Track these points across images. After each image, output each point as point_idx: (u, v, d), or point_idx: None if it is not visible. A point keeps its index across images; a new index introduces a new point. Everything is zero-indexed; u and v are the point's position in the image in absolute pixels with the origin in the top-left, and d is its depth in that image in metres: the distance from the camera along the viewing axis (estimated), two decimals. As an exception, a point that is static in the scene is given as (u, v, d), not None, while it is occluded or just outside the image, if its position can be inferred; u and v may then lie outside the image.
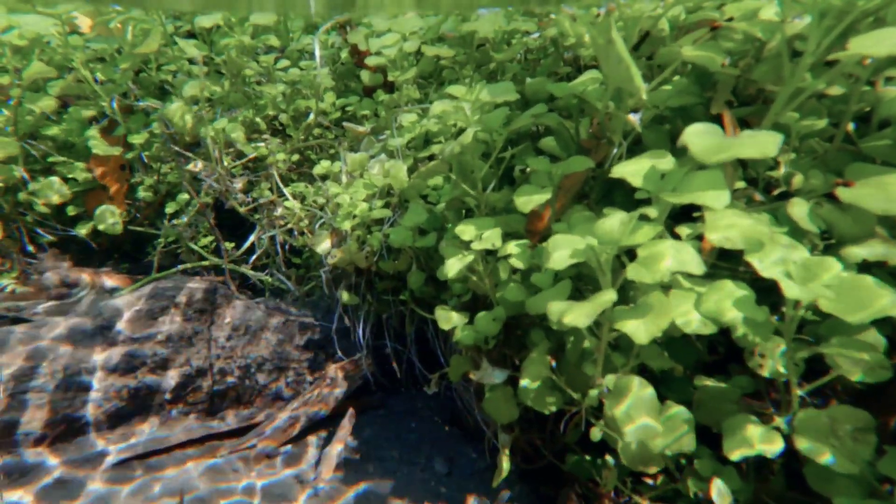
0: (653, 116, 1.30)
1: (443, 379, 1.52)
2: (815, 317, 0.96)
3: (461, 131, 1.65)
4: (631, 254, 1.00)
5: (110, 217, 2.04)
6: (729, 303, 0.92)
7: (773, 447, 0.91)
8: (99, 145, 2.04)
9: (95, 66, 2.10)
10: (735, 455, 0.93)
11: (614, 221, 1.01)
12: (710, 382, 1.14)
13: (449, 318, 1.36)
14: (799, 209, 0.93)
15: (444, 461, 1.57)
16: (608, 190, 1.45)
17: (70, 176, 2.10)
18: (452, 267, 1.24)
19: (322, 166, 1.82)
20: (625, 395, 0.98)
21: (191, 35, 2.28)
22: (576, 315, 0.96)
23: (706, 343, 1.29)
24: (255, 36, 2.08)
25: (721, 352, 1.34)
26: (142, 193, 2.14)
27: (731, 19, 1.03)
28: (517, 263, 1.23)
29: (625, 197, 1.42)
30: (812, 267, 0.86)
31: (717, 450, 1.17)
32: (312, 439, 1.65)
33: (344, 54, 2.19)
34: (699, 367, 1.29)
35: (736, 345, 1.25)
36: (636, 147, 1.31)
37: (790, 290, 0.82)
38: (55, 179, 2.02)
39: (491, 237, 1.24)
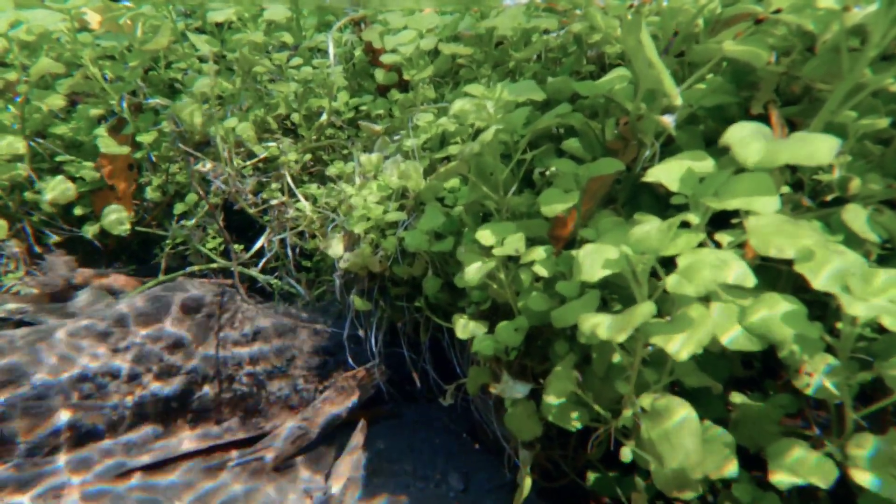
0: (685, 116, 1.22)
1: (459, 390, 1.46)
2: (872, 334, 0.88)
3: (479, 132, 1.59)
4: (664, 261, 0.93)
5: (117, 218, 1.99)
6: (778, 318, 0.85)
7: (828, 477, 0.83)
8: (107, 144, 1.99)
9: (104, 63, 2.05)
10: (784, 484, 0.86)
11: (651, 228, 0.94)
12: (748, 401, 1.06)
13: (467, 327, 1.29)
14: (855, 216, 0.86)
15: (459, 476, 1.50)
16: (634, 193, 1.38)
17: (77, 175, 2.05)
18: (473, 273, 1.18)
19: (335, 167, 1.77)
20: (664, 417, 0.90)
21: (201, 32, 2.23)
22: (611, 329, 0.89)
23: (740, 358, 1.22)
24: (267, 33, 2.02)
25: (756, 367, 1.27)
26: (150, 194, 2.09)
27: (777, 11, 0.96)
28: (541, 271, 1.16)
29: (652, 201, 1.35)
30: (873, 280, 0.78)
31: (754, 471, 1.10)
32: (322, 451, 1.59)
33: (358, 52, 2.13)
34: (732, 382, 1.22)
35: (771, 360, 1.18)
36: (666, 148, 1.24)
37: (852, 305, 0.74)
38: (62, 178, 1.97)
39: (513, 243, 1.17)
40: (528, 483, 1.21)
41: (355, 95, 2.01)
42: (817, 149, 0.81)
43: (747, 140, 0.85)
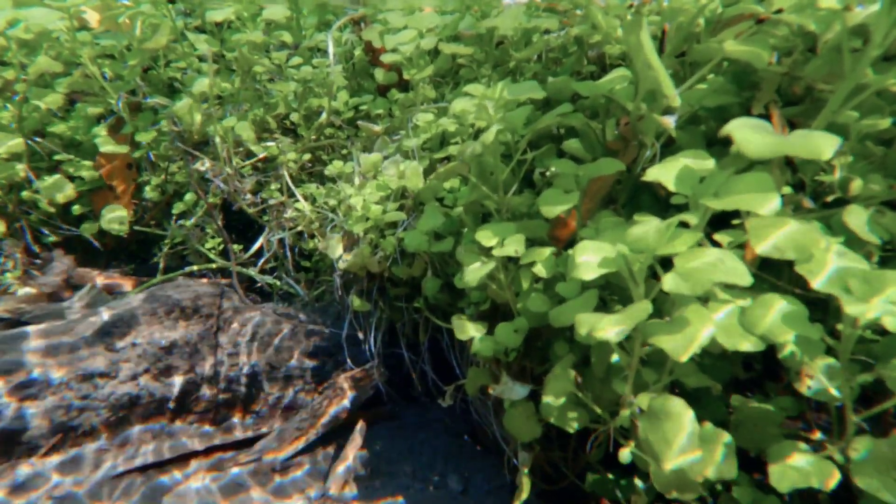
0: (687, 116, 1.22)
1: (458, 391, 1.45)
2: (873, 335, 0.88)
3: (480, 132, 1.58)
4: (663, 262, 0.93)
5: (116, 217, 1.99)
6: (778, 319, 0.85)
7: (829, 480, 0.82)
8: (106, 143, 1.98)
9: (103, 61, 2.05)
10: (785, 486, 0.85)
11: (648, 228, 0.94)
12: (749, 402, 1.05)
13: (466, 328, 1.28)
14: (856, 217, 0.85)
15: (459, 478, 1.49)
16: (635, 194, 1.37)
17: (76, 174, 2.05)
18: (472, 274, 1.17)
19: (334, 167, 1.76)
20: (661, 417, 0.90)
21: (200, 31, 2.22)
22: (607, 329, 0.88)
23: (741, 359, 1.21)
24: (267, 32, 2.02)
25: (757, 369, 1.26)
26: (149, 193, 2.09)
27: (779, 11, 0.95)
28: (541, 272, 1.16)
29: (653, 201, 1.34)
30: (874, 281, 0.78)
31: (755, 474, 1.09)
32: (320, 452, 1.58)
33: (358, 52, 2.13)
34: (732, 384, 1.21)
35: (772, 362, 1.17)
36: (667, 149, 1.23)
37: (852, 306, 0.74)
38: (60, 177, 1.97)
39: (513, 243, 1.16)
40: (527, 485, 1.20)
41: (355, 95, 2.00)
42: (818, 143, 0.81)
43: (749, 131, 0.84)
